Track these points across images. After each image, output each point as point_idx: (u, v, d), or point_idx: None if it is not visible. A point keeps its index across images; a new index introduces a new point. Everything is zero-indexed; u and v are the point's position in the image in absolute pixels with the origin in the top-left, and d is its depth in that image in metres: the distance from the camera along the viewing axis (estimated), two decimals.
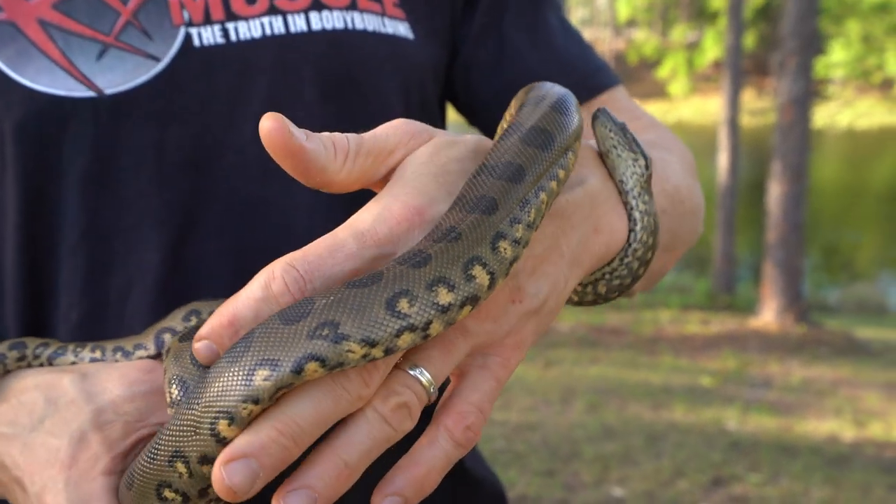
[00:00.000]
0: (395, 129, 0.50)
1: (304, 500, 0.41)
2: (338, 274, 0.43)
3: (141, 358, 0.60)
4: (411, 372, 0.45)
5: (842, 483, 3.73)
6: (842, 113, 35.14)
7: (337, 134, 0.48)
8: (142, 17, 0.68)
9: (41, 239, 0.68)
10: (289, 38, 0.71)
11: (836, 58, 36.44)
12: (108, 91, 0.66)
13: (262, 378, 0.40)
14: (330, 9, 0.72)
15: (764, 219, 7.36)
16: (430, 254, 0.42)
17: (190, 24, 0.69)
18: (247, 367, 0.40)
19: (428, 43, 0.79)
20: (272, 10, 0.71)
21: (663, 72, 40.58)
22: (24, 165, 0.67)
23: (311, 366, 0.40)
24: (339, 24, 0.72)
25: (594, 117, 0.58)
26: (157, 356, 0.60)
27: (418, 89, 0.77)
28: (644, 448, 4.13)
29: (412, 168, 0.48)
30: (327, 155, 0.46)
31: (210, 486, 0.44)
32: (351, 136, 0.48)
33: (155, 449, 0.45)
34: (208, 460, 0.42)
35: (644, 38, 44.43)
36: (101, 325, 0.68)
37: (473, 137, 0.52)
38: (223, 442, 0.41)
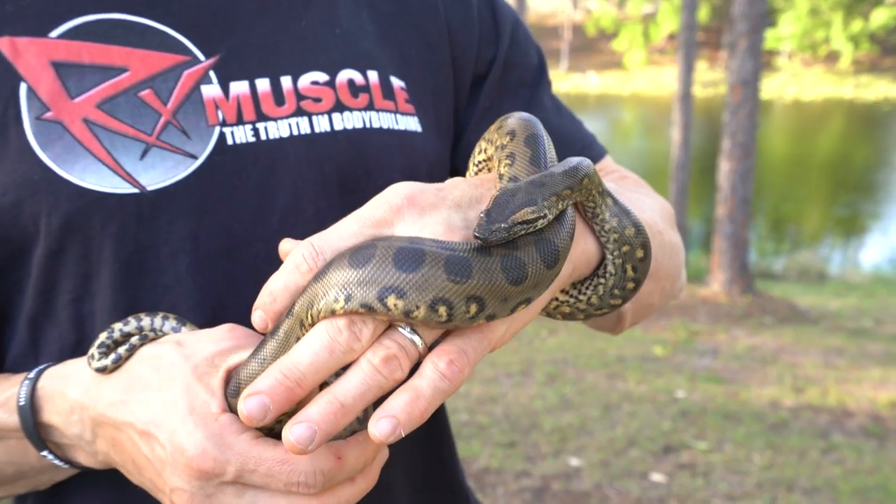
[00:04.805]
0: None
1: (304, 431, 0.51)
2: (342, 246, 0.55)
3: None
4: (401, 330, 0.53)
5: (781, 448, 4.00)
6: (789, 84, 35.96)
7: None
8: (180, 117, 0.73)
9: (87, 320, 0.73)
10: (313, 137, 0.77)
11: (786, 30, 37.10)
12: (150, 188, 0.71)
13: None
14: (351, 110, 0.79)
15: (714, 192, 7.63)
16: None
17: (224, 123, 0.74)
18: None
19: (434, 134, 0.87)
20: (299, 112, 0.77)
21: (620, 44, 40.83)
22: (71, 255, 0.71)
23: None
24: (359, 124, 0.79)
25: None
26: None
27: (426, 177, 0.85)
28: (600, 418, 4.34)
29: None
30: None
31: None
32: None
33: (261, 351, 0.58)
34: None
35: (601, 11, 44.49)
36: None
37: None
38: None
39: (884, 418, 4.40)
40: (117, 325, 0.68)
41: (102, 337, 0.67)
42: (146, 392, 0.62)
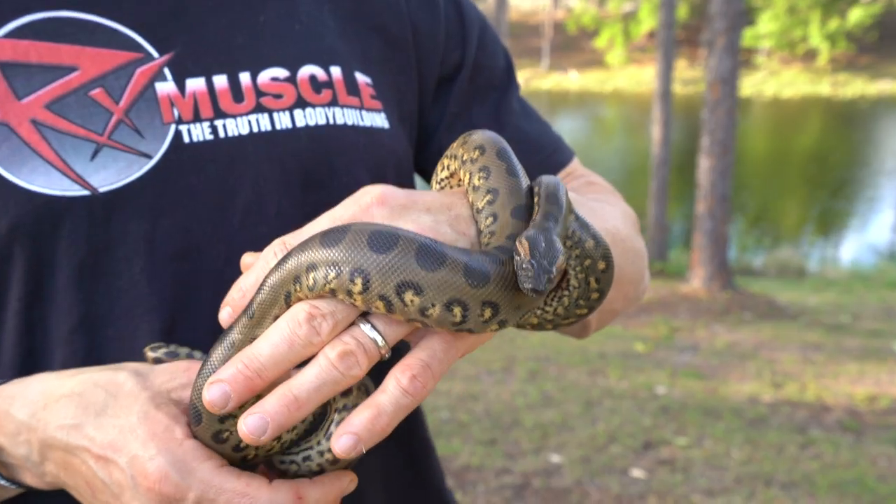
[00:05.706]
0: None
1: (257, 421, 0.52)
2: None
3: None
4: (362, 327, 0.54)
5: (759, 443, 4.03)
6: (768, 82, 36.36)
7: None
8: (133, 115, 0.70)
9: (38, 326, 0.71)
10: (275, 135, 0.75)
11: (764, 29, 37.51)
12: (102, 189, 0.68)
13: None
14: (313, 106, 0.77)
15: (694, 189, 7.68)
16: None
17: (180, 121, 0.72)
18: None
19: (400, 130, 0.85)
20: (259, 109, 0.75)
21: (601, 42, 41.07)
22: (20, 261, 0.68)
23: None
24: (322, 121, 0.77)
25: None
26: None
27: (394, 173, 0.83)
28: (580, 415, 4.35)
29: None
30: None
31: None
32: None
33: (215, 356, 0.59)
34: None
35: (582, 9, 44.75)
36: None
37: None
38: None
39: (860, 413, 4.45)
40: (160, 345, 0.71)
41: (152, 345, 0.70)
42: (102, 417, 0.61)
